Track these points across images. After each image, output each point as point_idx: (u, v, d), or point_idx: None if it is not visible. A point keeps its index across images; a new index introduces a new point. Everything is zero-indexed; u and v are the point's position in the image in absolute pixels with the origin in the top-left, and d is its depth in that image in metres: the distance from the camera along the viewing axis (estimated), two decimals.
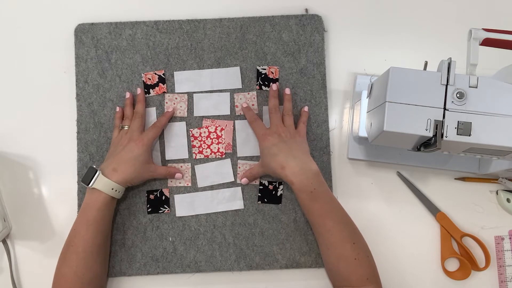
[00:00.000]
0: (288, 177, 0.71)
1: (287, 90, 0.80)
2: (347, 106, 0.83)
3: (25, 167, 0.80)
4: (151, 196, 0.79)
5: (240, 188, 0.79)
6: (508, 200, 0.78)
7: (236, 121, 0.81)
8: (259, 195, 0.79)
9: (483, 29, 0.63)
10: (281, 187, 0.79)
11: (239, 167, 0.80)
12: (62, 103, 0.82)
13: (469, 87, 0.61)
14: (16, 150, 0.81)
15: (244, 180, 0.79)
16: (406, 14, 0.85)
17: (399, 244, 0.78)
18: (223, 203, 0.79)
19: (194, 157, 0.80)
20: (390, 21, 0.85)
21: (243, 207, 0.79)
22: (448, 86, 0.62)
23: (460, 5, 0.85)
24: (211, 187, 0.80)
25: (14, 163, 0.81)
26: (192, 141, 0.80)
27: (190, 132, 0.81)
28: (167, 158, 0.80)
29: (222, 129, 0.81)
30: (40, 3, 0.85)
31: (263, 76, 0.82)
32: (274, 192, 0.79)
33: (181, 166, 0.80)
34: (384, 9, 0.85)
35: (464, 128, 0.60)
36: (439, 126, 0.60)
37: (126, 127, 0.77)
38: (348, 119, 0.82)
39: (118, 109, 0.80)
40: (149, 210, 0.79)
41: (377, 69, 0.82)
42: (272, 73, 0.82)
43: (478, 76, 0.62)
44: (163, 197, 0.79)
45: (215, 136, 0.80)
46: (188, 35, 0.83)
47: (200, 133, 0.81)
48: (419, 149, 0.66)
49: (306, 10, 0.84)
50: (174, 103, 0.81)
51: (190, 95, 0.81)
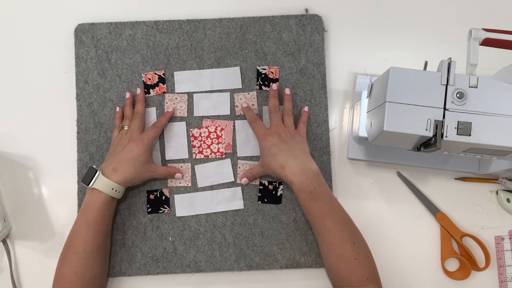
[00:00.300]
0: (288, 177, 0.71)
1: (287, 90, 0.80)
2: (347, 106, 0.83)
3: (25, 167, 0.80)
4: (151, 196, 0.79)
5: (240, 188, 0.79)
6: (508, 200, 0.78)
7: (236, 121, 0.81)
8: (259, 195, 0.79)
9: (483, 29, 0.63)
10: (281, 187, 0.79)
11: (239, 167, 0.80)
12: (62, 103, 0.82)
13: (469, 87, 0.61)
14: (16, 150, 0.81)
15: (244, 180, 0.79)
16: (406, 14, 0.85)
17: (399, 244, 0.78)
18: (223, 203, 0.79)
19: (194, 157, 0.80)
20: (390, 21, 0.85)
21: (243, 207, 0.79)
22: (448, 86, 0.62)
23: (460, 5, 0.85)
24: (211, 187, 0.80)
25: (14, 163, 0.81)
26: (192, 141, 0.80)
27: (190, 132, 0.81)
28: (167, 158, 0.80)
29: (222, 129, 0.81)
30: (40, 3, 0.85)
31: (263, 76, 0.82)
32: (274, 192, 0.79)
33: (181, 166, 0.80)
34: (384, 9, 0.85)
35: (464, 128, 0.60)
36: (439, 126, 0.60)
37: (126, 127, 0.77)
38: (348, 119, 0.82)
39: (118, 109, 0.80)
40: (149, 210, 0.79)
41: (377, 69, 0.82)
42: (272, 73, 0.82)
43: (478, 76, 0.62)
44: (163, 197, 0.79)
45: (215, 136, 0.80)
46: (188, 35, 0.83)
47: (200, 133, 0.81)
48: (419, 149, 0.66)
49: (306, 10, 0.84)
50: (174, 103, 0.81)
51: (190, 95, 0.81)
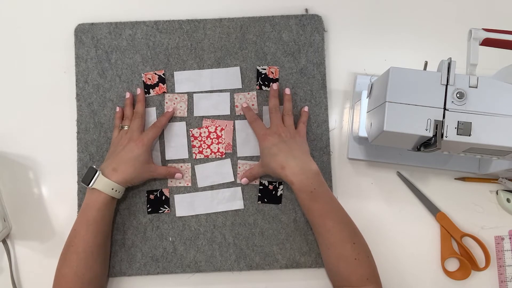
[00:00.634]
0: (288, 177, 0.71)
1: (287, 90, 0.80)
2: (347, 106, 0.83)
3: (25, 167, 0.80)
4: (151, 196, 0.79)
5: (240, 188, 0.79)
6: (508, 200, 0.78)
7: (236, 121, 0.81)
8: (259, 195, 0.79)
9: (483, 29, 0.63)
10: (281, 187, 0.79)
11: (239, 167, 0.80)
12: (62, 103, 0.82)
13: (469, 87, 0.61)
14: (16, 150, 0.81)
15: (244, 180, 0.79)
16: (406, 14, 0.85)
17: (399, 244, 0.78)
18: (223, 203, 0.79)
19: (194, 157, 0.80)
20: (390, 21, 0.85)
21: (243, 207, 0.79)
22: (448, 86, 0.62)
23: (460, 5, 0.85)
24: (211, 187, 0.80)
25: (14, 163, 0.81)
26: (192, 141, 0.80)
27: (190, 132, 0.81)
28: (167, 158, 0.80)
29: (222, 129, 0.81)
30: (40, 3, 0.85)
31: (263, 76, 0.82)
32: (274, 192, 0.79)
33: (181, 166, 0.80)
34: (384, 9, 0.85)
35: (464, 128, 0.60)
36: (439, 126, 0.60)
37: (126, 127, 0.77)
38: (348, 119, 0.82)
39: (118, 109, 0.80)
40: (149, 210, 0.79)
41: (377, 69, 0.82)
42: (272, 73, 0.82)
43: (478, 76, 0.62)
44: (163, 197, 0.79)
45: (215, 136, 0.80)
46: (188, 35, 0.83)
47: (200, 133, 0.81)
48: (419, 149, 0.66)
49: (306, 10, 0.84)
50: (174, 103, 0.81)
51: (190, 95, 0.81)
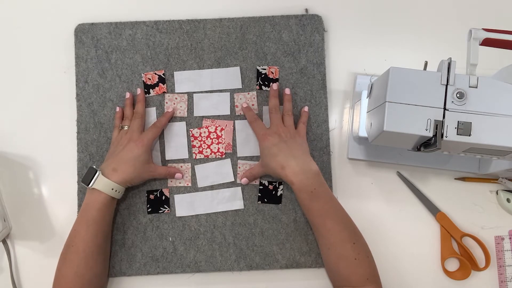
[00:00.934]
0: (288, 177, 0.71)
1: (287, 90, 0.80)
2: (347, 106, 0.83)
3: (25, 167, 0.80)
4: (151, 196, 0.79)
5: (240, 188, 0.79)
6: (508, 200, 0.78)
7: (236, 121, 0.81)
8: (259, 195, 0.79)
9: (483, 29, 0.63)
10: (281, 187, 0.79)
11: (239, 167, 0.80)
12: (62, 103, 0.82)
13: (469, 87, 0.61)
14: (16, 150, 0.81)
15: (244, 180, 0.79)
16: (406, 14, 0.85)
17: (399, 244, 0.78)
18: (223, 203, 0.79)
19: (194, 157, 0.80)
20: (390, 21, 0.85)
21: (243, 207, 0.79)
22: (448, 86, 0.62)
23: (460, 5, 0.85)
24: (211, 187, 0.80)
25: (14, 163, 0.81)
26: (192, 141, 0.80)
27: (190, 132, 0.81)
28: (167, 158, 0.80)
29: (222, 129, 0.81)
30: (40, 3, 0.85)
31: (263, 76, 0.82)
32: (274, 192, 0.79)
33: (181, 166, 0.80)
34: (384, 9, 0.85)
35: (464, 128, 0.60)
36: (439, 126, 0.60)
37: (126, 127, 0.77)
38: (348, 119, 0.82)
39: (118, 109, 0.80)
40: (149, 210, 0.79)
41: (377, 69, 0.82)
42: (272, 73, 0.82)
43: (478, 76, 0.62)
44: (163, 197, 0.79)
45: (215, 136, 0.80)
46: (188, 35, 0.83)
47: (200, 133, 0.81)
48: (419, 149, 0.66)
49: (306, 10, 0.84)
50: (174, 103, 0.81)
51: (190, 95, 0.81)
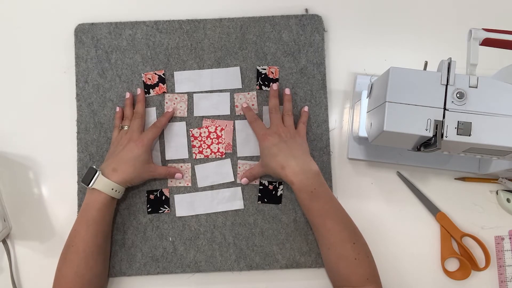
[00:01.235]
0: (288, 177, 0.71)
1: (287, 90, 0.80)
2: (347, 106, 0.83)
3: (25, 167, 0.80)
4: (151, 196, 0.79)
5: (240, 188, 0.79)
6: (508, 200, 0.78)
7: (236, 121, 0.81)
8: (259, 195, 0.79)
9: (483, 29, 0.63)
10: (281, 187, 0.79)
11: (239, 167, 0.80)
12: (62, 103, 0.82)
13: (469, 87, 0.61)
14: (16, 150, 0.81)
15: (244, 180, 0.78)
16: (406, 14, 0.85)
17: (399, 244, 0.78)
18: (223, 203, 0.79)
19: (194, 157, 0.80)
20: (390, 21, 0.85)
21: (243, 207, 0.79)
22: (448, 86, 0.62)
23: (460, 5, 0.85)
24: (211, 187, 0.80)
25: (14, 163, 0.81)
26: (192, 141, 0.80)
27: (190, 132, 0.81)
28: (167, 158, 0.80)
29: (222, 129, 0.81)
30: (40, 3, 0.85)
31: (263, 76, 0.82)
32: (274, 192, 0.79)
33: (181, 166, 0.80)
34: (384, 9, 0.85)
35: (464, 128, 0.60)
36: (439, 126, 0.60)
37: (126, 127, 0.77)
38: (348, 119, 0.82)
39: (118, 109, 0.80)
40: (149, 210, 0.79)
41: (377, 69, 0.82)
42: (272, 73, 0.82)
43: (478, 76, 0.62)
44: (163, 197, 0.79)
45: (215, 136, 0.80)
46: (188, 35, 0.83)
47: (200, 133, 0.81)
48: (419, 149, 0.66)
49: (306, 10, 0.84)
50: (174, 103, 0.81)
51: (190, 95, 0.81)
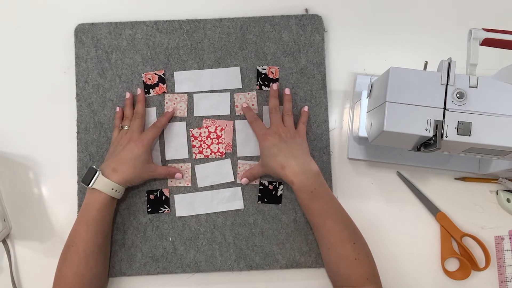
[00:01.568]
0: (288, 177, 0.71)
1: (287, 90, 0.80)
2: (347, 106, 0.83)
3: (25, 167, 0.80)
4: (151, 196, 0.79)
5: (240, 188, 0.79)
6: (508, 200, 0.78)
7: (236, 121, 0.81)
8: (259, 195, 0.79)
9: (483, 29, 0.63)
10: (281, 187, 0.79)
11: (239, 167, 0.80)
12: (62, 103, 0.82)
13: (469, 87, 0.61)
14: (16, 150, 0.81)
15: (244, 180, 0.78)
16: (406, 14, 0.85)
17: (399, 244, 0.78)
18: (223, 203, 0.79)
19: (194, 157, 0.80)
20: (390, 21, 0.85)
21: (243, 207, 0.79)
22: (448, 86, 0.62)
23: (460, 5, 0.85)
24: (211, 187, 0.80)
25: (14, 163, 0.81)
26: (192, 141, 0.80)
27: (190, 132, 0.81)
28: (167, 158, 0.80)
29: (222, 129, 0.81)
30: (40, 3, 0.85)
31: (263, 76, 0.82)
32: (274, 192, 0.79)
33: (181, 166, 0.80)
34: (384, 9, 0.85)
35: (464, 128, 0.60)
36: (439, 126, 0.60)
37: (126, 127, 0.77)
38: (348, 119, 0.82)
39: (118, 109, 0.80)
40: (149, 210, 0.79)
41: (377, 69, 0.82)
42: (272, 73, 0.82)
43: (478, 76, 0.62)
44: (163, 197, 0.79)
45: (215, 136, 0.80)
46: (188, 35, 0.83)
47: (200, 133, 0.81)
48: (419, 149, 0.66)
49: (306, 10, 0.84)
50: (174, 103, 0.81)
51: (190, 95, 0.81)
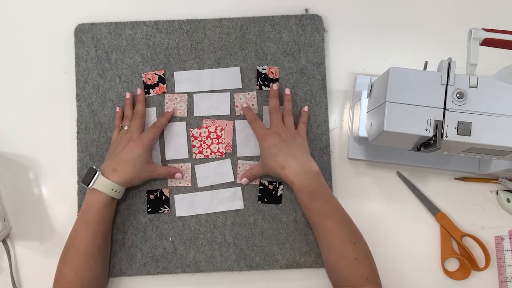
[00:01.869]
0: (288, 177, 0.71)
1: (287, 90, 0.80)
2: (347, 106, 0.83)
3: (25, 167, 0.80)
4: (151, 196, 0.79)
5: (240, 188, 0.79)
6: (508, 200, 0.78)
7: (236, 121, 0.81)
8: (259, 195, 0.79)
9: (483, 29, 0.63)
10: (281, 187, 0.79)
11: (239, 167, 0.80)
12: (62, 103, 0.82)
13: (469, 87, 0.61)
14: (16, 150, 0.81)
15: (244, 180, 0.78)
16: (406, 14, 0.85)
17: (399, 244, 0.78)
18: (223, 203, 0.79)
19: (194, 157, 0.80)
20: (390, 21, 0.85)
21: (243, 207, 0.79)
22: (448, 86, 0.62)
23: (460, 5, 0.85)
24: (211, 187, 0.80)
25: (14, 163, 0.81)
26: (192, 141, 0.80)
27: (190, 132, 0.81)
28: (167, 158, 0.80)
29: (222, 129, 0.81)
30: (40, 3, 0.85)
31: (263, 76, 0.82)
32: (274, 192, 0.79)
33: (181, 166, 0.80)
34: (384, 9, 0.85)
35: (464, 128, 0.60)
36: (439, 126, 0.60)
37: (126, 127, 0.77)
38: (348, 119, 0.82)
39: (118, 109, 0.80)
40: (149, 210, 0.79)
41: (377, 69, 0.82)
42: (272, 73, 0.82)
43: (478, 76, 0.62)
44: (163, 197, 0.79)
45: (215, 136, 0.80)
46: (188, 35, 0.83)
47: (200, 133, 0.81)
48: (419, 149, 0.66)
49: (306, 10, 0.84)
50: (174, 103, 0.81)
51: (190, 95, 0.81)
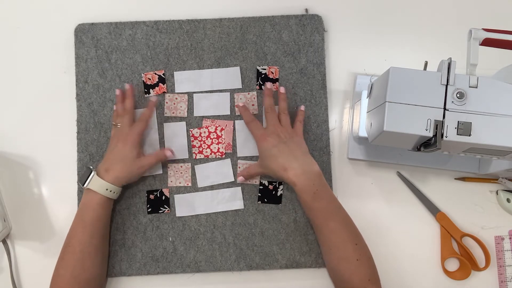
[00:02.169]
0: (290, 179, 0.71)
1: (281, 89, 0.79)
2: (347, 106, 0.83)
3: (25, 167, 0.80)
4: (151, 196, 0.79)
5: (240, 188, 0.79)
6: (508, 200, 0.78)
7: (236, 121, 0.81)
8: (259, 195, 0.79)
9: (483, 29, 0.63)
10: (281, 187, 0.79)
11: (239, 167, 0.80)
12: (62, 103, 0.82)
13: (469, 87, 0.61)
14: (16, 150, 0.81)
15: (241, 178, 0.78)
16: (406, 14, 0.85)
17: (399, 244, 0.78)
18: (223, 203, 0.79)
19: (194, 157, 0.80)
20: (390, 21, 0.85)
21: (243, 207, 0.79)
22: (448, 86, 0.62)
23: (460, 5, 0.85)
24: (211, 187, 0.80)
25: (14, 163, 0.81)
26: (192, 141, 0.80)
27: (190, 132, 0.81)
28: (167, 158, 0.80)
29: (222, 129, 0.81)
30: (40, 3, 0.85)
31: (263, 76, 0.82)
32: (274, 192, 0.79)
33: (181, 166, 0.80)
34: (384, 9, 0.85)
35: (464, 128, 0.60)
36: (439, 126, 0.60)
37: (119, 125, 0.77)
38: (348, 119, 0.82)
39: (115, 107, 0.80)
40: (149, 210, 0.79)
41: (377, 69, 0.82)
42: (272, 73, 0.82)
43: (478, 76, 0.62)
44: (163, 197, 0.79)
45: (215, 136, 0.80)
46: (188, 35, 0.83)
47: (200, 133, 0.81)
48: (419, 149, 0.66)
49: (306, 10, 0.84)
50: (174, 103, 0.81)
51: (190, 95, 0.81)
